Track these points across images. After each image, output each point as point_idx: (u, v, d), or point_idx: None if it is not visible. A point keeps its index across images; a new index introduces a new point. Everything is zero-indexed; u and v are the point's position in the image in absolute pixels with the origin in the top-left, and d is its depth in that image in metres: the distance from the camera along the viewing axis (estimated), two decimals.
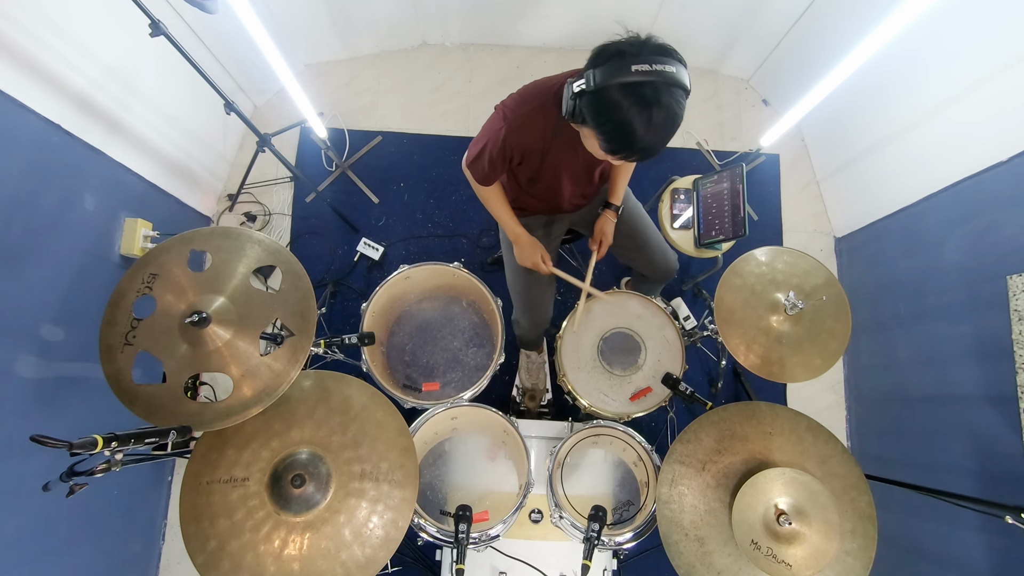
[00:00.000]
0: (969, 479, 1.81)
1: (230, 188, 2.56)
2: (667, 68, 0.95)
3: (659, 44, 1.00)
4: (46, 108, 1.57)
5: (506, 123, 1.30)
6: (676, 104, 0.98)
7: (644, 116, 0.97)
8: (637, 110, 0.96)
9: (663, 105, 0.96)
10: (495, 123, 1.33)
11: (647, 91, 0.95)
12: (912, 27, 1.64)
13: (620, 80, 0.95)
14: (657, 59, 0.95)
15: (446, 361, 2.01)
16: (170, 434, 1.10)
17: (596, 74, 1.00)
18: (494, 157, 1.36)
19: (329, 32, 2.58)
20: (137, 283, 1.25)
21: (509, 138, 1.30)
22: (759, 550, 1.19)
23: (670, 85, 0.96)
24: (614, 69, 0.96)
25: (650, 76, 0.94)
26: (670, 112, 0.97)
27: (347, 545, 1.17)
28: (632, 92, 0.96)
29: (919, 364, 2.10)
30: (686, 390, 1.63)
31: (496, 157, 1.36)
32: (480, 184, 1.49)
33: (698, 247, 2.05)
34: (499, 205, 1.58)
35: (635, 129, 0.98)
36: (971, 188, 1.89)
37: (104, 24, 1.75)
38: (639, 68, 0.94)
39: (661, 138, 1.01)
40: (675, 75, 0.96)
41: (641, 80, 0.94)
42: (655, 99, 0.95)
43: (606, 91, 0.98)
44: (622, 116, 0.98)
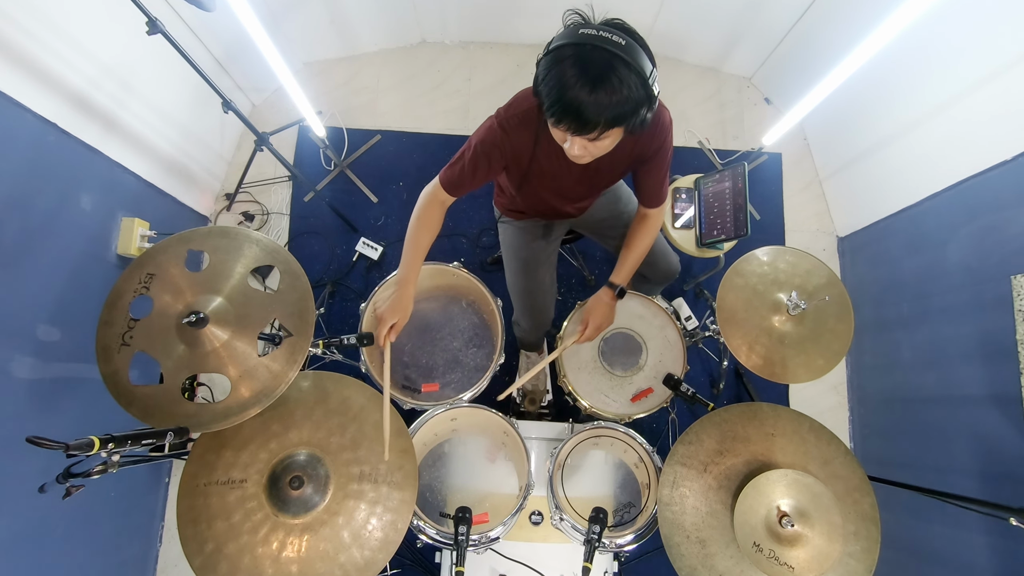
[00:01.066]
0: (973, 480, 1.81)
1: (228, 187, 2.56)
2: (613, 37, 0.98)
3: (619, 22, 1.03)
4: (42, 107, 1.57)
5: (498, 122, 1.28)
6: (614, 71, 0.98)
7: (575, 71, 0.98)
8: (570, 63, 0.99)
9: (596, 64, 0.98)
10: (486, 124, 1.32)
11: (585, 51, 0.98)
12: (915, 25, 1.64)
13: (564, 41, 1.00)
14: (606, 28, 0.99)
15: (445, 362, 2.00)
16: (167, 435, 1.10)
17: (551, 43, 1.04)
18: (479, 155, 1.31)
19: (328, 30, 2.58)
20: (134, 283, 1.25)
21: (501, 137, 1.28)
22: (761, 552, 1.19)
23: (611, 53, 0.97)
24: (563, 34, 1.01)
25: (592, 40, 0.97)
26: (604, 73, 0.98)
27: (346, 547, 1.17)
28: (570, 50, 0.99)
29: (922, 365, 2.09)
30: (688, 391, 1.62)
31: (482, 155, 1.31)
32: (443, 185, 1.39)
33: (700, 247, 2.05)
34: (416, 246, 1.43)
35: (566, 83, 0.99)
36: (975, 187, 1.89)
37: (101, 22, 1.75)
38: (585, 32, 0.99)
39: (593, 98, 0.99)
40: (619, 45, 0.98)
41: (582, 42, 0.98)
42: (590, 58, 0.98)
43: (551, 52, 1.03)
44: (556, 72, 1.01)
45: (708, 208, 2.04)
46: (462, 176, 1.37)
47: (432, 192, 1.44)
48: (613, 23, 1.03)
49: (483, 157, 1.32)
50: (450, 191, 1.41)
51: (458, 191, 1.41)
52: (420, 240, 1.44)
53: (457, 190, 1.41)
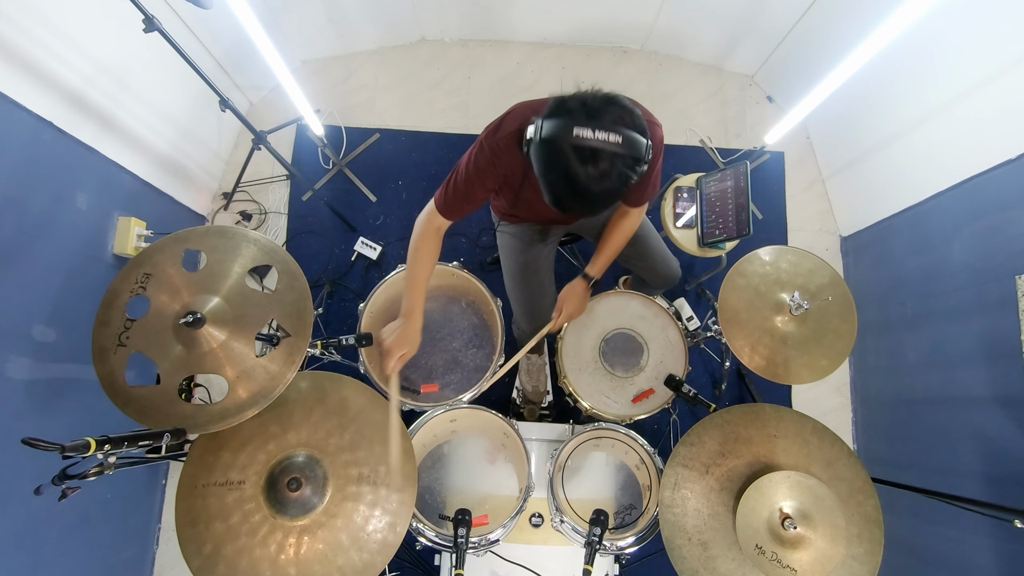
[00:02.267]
0: (977, 482, 1.81)
1: (225, 186, 2.56)
2: (610, 138, 0.96)
3: (616, 112, 0.99)
4: (38, 105, 1.57)
5: (487, 145, 1.27)
6: (613, 173, 0.98)
7: (571, 178, 0.99)
8: (569, 170, 0.98)
9: (594, 173, 0.97)
10: (476, 147, 1.30)
11: (583, 155, 0.97)
12: (919, 23, 1.64)
13: (560, 139, 0.97)
14: (602, 127, 0.96)
15: (445, 362, 2.00)
16: (164, 437, 1.10)
17: (543, 126, 1.01)
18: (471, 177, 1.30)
19: (326, 28, 2.58)
20: (131, 283, 1.25)
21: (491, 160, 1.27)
22: (764, 555, 1.19)
23: (611, 155, 0.97)
24: (558, 127, 0.98)
25: (588, 143, 0.95)
26: (600, 180, 0.98)
27: (344, 550, 1.17)
28: (568, 153, 0.97)
29: (926, 365, 2.10)
30: (689, 392, 1.62)
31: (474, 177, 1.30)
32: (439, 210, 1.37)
33: (701, 246, 2.05)
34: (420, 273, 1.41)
35: (563, 189, 1.01)
36: (979, 186, 1.89)
37: (97, 20, 1.75)
38: (580, 133, 0.96)
39: (592, 201, 1.03)
40: (617, 146, 0.96)
41: (578, 145, 0.96)
42: (586, 165, 0.97)
43: (546, 144, 1.00)
44: (554, 175, 1.01)
45: (710, 207, 2.04)
46: (456, 199, 1.35)
47: (428, 218, 1.40)
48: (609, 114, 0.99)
49: (475, 179, 1.30)
50: (446, 215, 1.38)
51: (454, 215, 1.38)
52: (420, 274, 1.42)
53: (453, 214, 1.38)
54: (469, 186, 1.31)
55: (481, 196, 1.35)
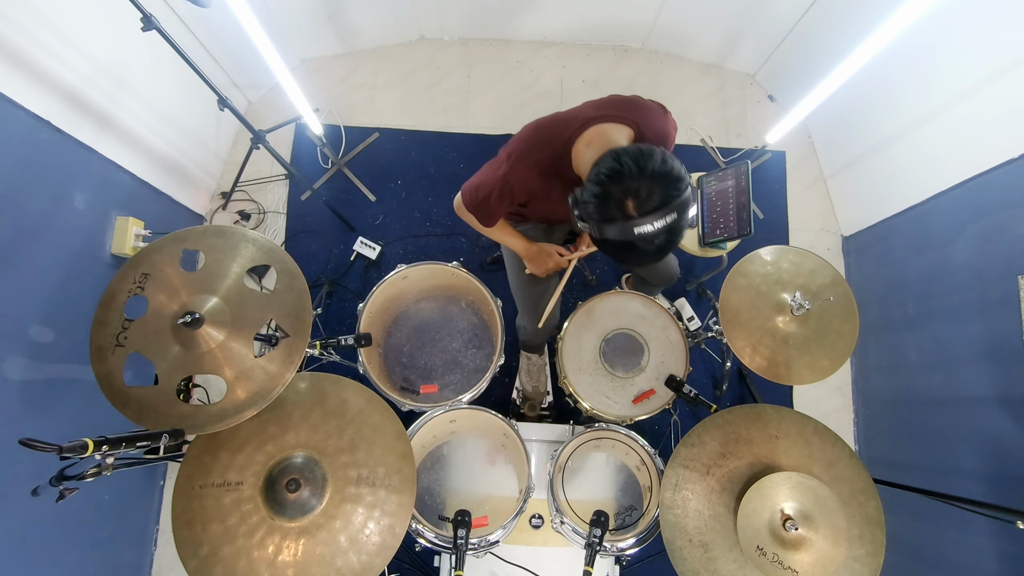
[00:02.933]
0: (980, 483, 1.80)
1: (223, 186, 2.56)
2: (668, 220, 0.99)
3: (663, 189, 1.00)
4: (35, 104, 1.57)
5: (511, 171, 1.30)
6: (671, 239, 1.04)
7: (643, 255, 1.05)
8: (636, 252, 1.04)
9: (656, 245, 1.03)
10: (498, 167, 1.33)
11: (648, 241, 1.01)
12: (921, 21, 1.64)
13: (623, 239, 1.02)
14: (658, 216, 0.99)
15: (444, 363, 2.00)
16: (162, 437, 1.10)
17: (602, 228, 1.04)
18: (500, 200, 1.36)
19: (325, 26, 2.58)
20: (128, 283, 1.25)
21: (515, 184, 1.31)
22: (765, 556, 1.19)
23: (671, 228, 1.01)
24: (616, 231, 1.02)
25: (649, 235, 1.00)
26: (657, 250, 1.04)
27: (343, 551, 1.17)
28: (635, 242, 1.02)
29: (928, 366, 2.09)
30: (690, 392, 1.63)
31: (502, 200, 1.36)
32: (484, 226, 1.50)
33: (702, 246, 2.05)
34: (501, 233, 1.59)
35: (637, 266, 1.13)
36: (981, 186, 1.89)
37: (95, 18, 1.75)
38: (642, 232, 0.99)
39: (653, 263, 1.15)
40: (676, 223, 1.01)
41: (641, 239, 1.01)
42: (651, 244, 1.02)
43: (610, 242, 1.05)
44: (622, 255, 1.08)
45: (711, 207, 2.04)
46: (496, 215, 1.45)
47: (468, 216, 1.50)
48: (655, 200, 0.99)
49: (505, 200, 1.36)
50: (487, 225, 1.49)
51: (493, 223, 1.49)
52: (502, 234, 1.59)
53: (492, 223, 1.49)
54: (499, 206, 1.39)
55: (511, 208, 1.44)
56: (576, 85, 2.78)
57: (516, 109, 2.74)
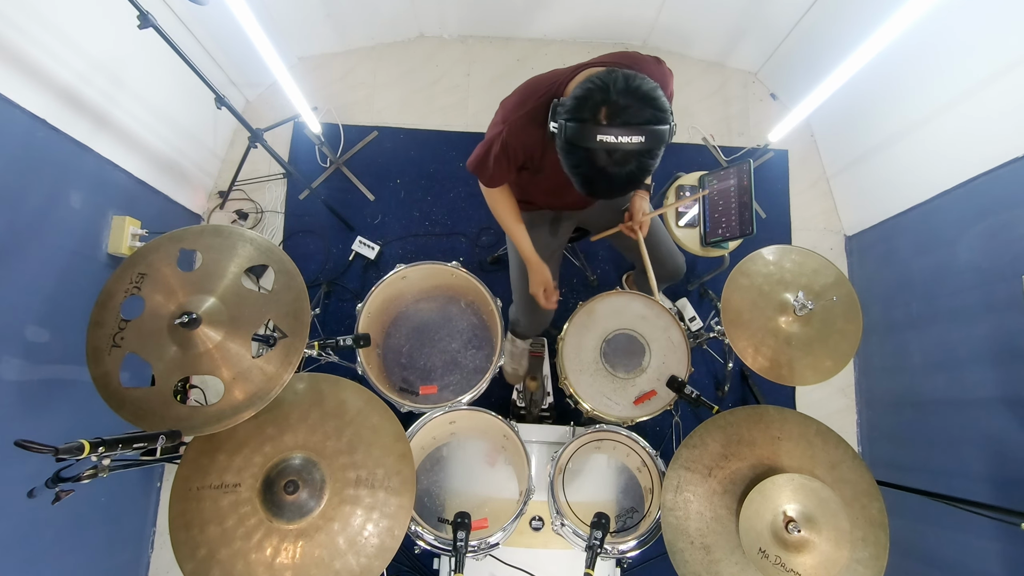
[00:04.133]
0: (984, 485, 1.80)
1: (221, 185, 2.56)
2: (633, 139, 1.00)
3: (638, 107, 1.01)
4: (31, 102, 1.57)
5: (506, 124, 1.30)
6: (638, 167, 1.04)
7: (600, 175, 1.05)
8: (596, 169, 1.05)
9: (619, 171, 1.04)
10: (496, 124, 1.34)
11: (608, 154, 1.02)
12: (925, 19, 1.64)
13: (583, 144, 1.03)
14: (625, 129, 1.00)
15: (444, 363, 2.01)
16: (159, 439, 1.10)
17: (567, 128, 1.05)
18: (498, 158, 1.36)
19: (323, 24, 2.58)
20: (125, 283, 1.25)
21: (510, 139, 1.31)
22: (767, 559, 1.19)
23: (634, 152, 1.02)
24: (581, 131, 1.02)
25: (608, 147, 1.01)
26: (628, 174, 1.05)
27: (341, 554, 1.17)
28: (593, 155, 1.04)
29: (932, 366, 2.09)
30: (692, 393, 1.62)
31: (500, 158, 1.36)
32: (487, 186, 1.50)
33: (704, 246, 2.05)
34: (510, 219, 1.58)
35: (594, 183, 1.08)
36: (986, 185, 1.89)
37: (91, 16, 1.75)
38: (604, 138, 1.00)
39: (621, 190, 1.10)
40: (640, 144, 1.01)
41: (602, 148, 1.01)
42: (613, 164, 1.03)
43: (571, 146, 1.06)
44: (582, 171, 1.08)
45: (713, 206, 2.04)
46: (494, 175, 1.43)
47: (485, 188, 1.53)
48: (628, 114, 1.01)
49: (502, 159, 1.37)
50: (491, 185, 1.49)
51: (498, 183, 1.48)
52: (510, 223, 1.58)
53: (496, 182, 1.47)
54: (499, 164, 1.38)
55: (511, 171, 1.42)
56: None
57: None
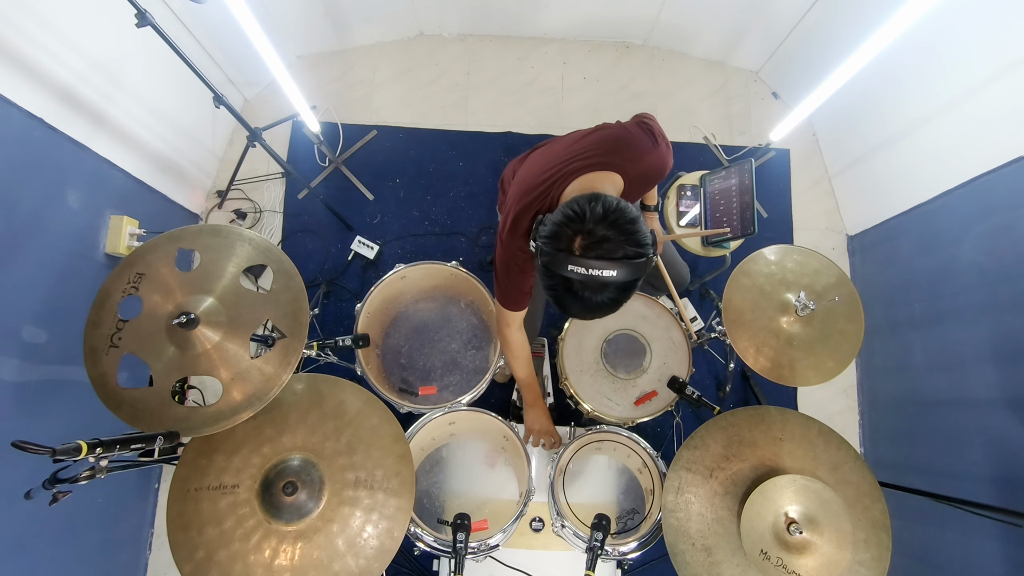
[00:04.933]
0: (987, 486, 1.80)
1: (219, 184, 2.56)
2: (603, 273, 1.01)
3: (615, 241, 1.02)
4: (28, 101, 1.57)
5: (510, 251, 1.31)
6: (612, 299, 1.06)
7: (574, 299, 1.07)
8: (570, 293, 1.07)
9: (593, 297, 1.05)
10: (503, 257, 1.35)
11: (580, 283, 1.04)
12: (927, 18, 1.64)
13: (556, 270, 1.05)
14: (597, 264, 1.02)
15: (443, 364, 2.00)
16: (157, 440, 1.10)
17: (543, 252, 1.07)
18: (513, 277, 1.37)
19: (322, 22, 2.58)
20: (123, 283, 1.25)
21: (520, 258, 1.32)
22: (769, 560, 1.19)
23: (606, 284, 1.03)
24: (554, 260, 1.05)
25: (580, 277, 1.02)
26: (595, 305, 1.07)
27: (340, 555, 1.17)
28: (565, 283, 1.05)
29: (935, 367, 2.09)
30: (693, 394, 1.63)
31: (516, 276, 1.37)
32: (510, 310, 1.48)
33: (705, 246, 2.05)
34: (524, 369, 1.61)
35: (566, 307, 1.11)
36: (989, 184, 1.89)
37: (89, 14, 1.75)
38: (575, 269, 1.02)
39: (592, 315, 1.12)
40: (611, 278, 1.03)
41: (571, 278, 1.03)
42: (587, 290, 1.05)
43: (546, 269, 1.07)
44: (556, 293, 1.09)
45: (714, 206, 2.04)
46: (513, 297, 1.43)
47: (503, 322, 1.51)
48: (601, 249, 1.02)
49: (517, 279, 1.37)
50: (515, 308, 1.47)
51: (520, 305, 1.48)
52: (522, 373, 1.62)
53: (519, 305, 1.47)
54: (517, 287, 1.40)
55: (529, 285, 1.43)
56: (577, 82, 2.78)
57: (516, 106, 2.74)
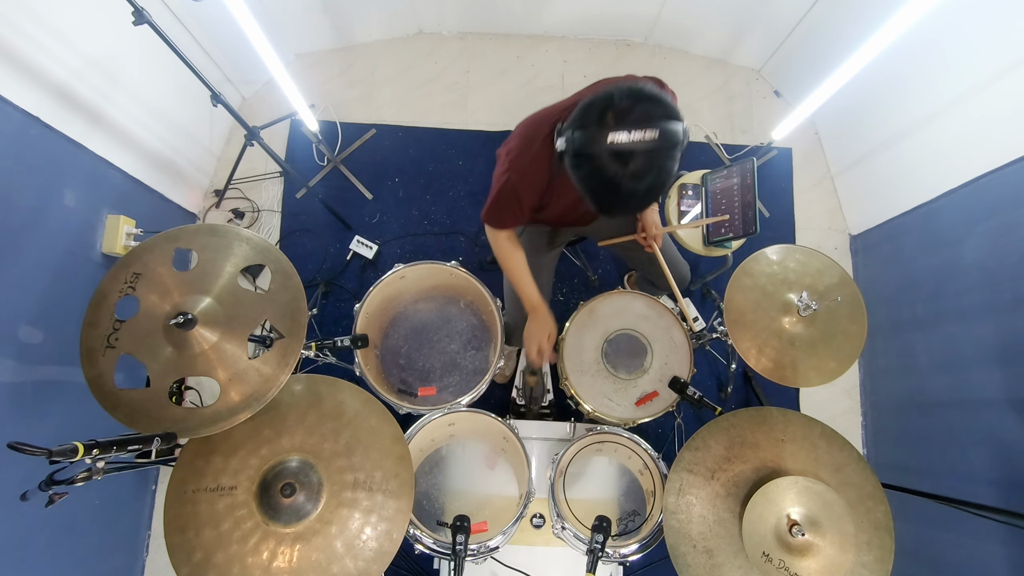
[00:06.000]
0: (991, 488, 1.80)
1: (217, 183, 2.56)
2: (645, 136, 0.96)
3: (646, 106, 0.98)
4: (24, 100, 1.57)
5: (513, 170, 1.31)
6: (657, 169, 0.99)
7: (615, 184, 0.99)
8: (610, 177, 0.99)
9: (637, 173, 0.98)
10: (501, 172, 1.35)
11: (622, 159, 0.97)
12: (930, 16, 1.64)
13: (595, 148, 0.98)
14: (635, 126, 0.96)
15: (443, 364, 2.00)
16: (154, 441, 1.10)
17: (575, 138, 1.01)
18: (510, 205, 1.37)
19: (321, 20, 2.58)
20: (120, 283, 1.25)
21: (519, 184, 1.32)
22: (771, 562, 1.19)
23: (649, 151, 0.97)
24: (590, 137, 0.98)
25: (624, 147, 0.96)
26: (655, 177, 1.00)
27: (339, 558, 1.17)
28: (606, 160, 0.98)
29: (938, 367, 2.09)
30: (694, 395, 1.62)
31: (512, 204, 1.37)
32: (499, 229, 1.49)
33: (707, 245, 2.05)
34: (517, 269, 1.56)
35: (617, 196, 1.02)
36: (992, 183, 1.89)
37: (85, 12, 1.75)
38: (614, 139, 0.96)
39: (646, 201, 1.05)
40: (653, 141, 0.97)
41: (616, 151, 0.96)
42: (627, 168, 0.98)
43: (582, 156, 1.01)
44: (602, 184, 1.01)
45: (715, 205, 2.04)
46: (505, 217, 1.43)
47: (494, 235, 1.52)
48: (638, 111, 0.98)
49: (512, 204, 1.36)
50: (508, 227, 1.48)
51: (513, 225, 1.47)
52: (518, 273, 1.56)
53: (511, 225, 1.47)
54: (510, 208, 1.38)
55: (526, 211, 1.41)
56: (577, 80, 2.78)
57: (516, 105, 2.74)
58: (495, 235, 1.52)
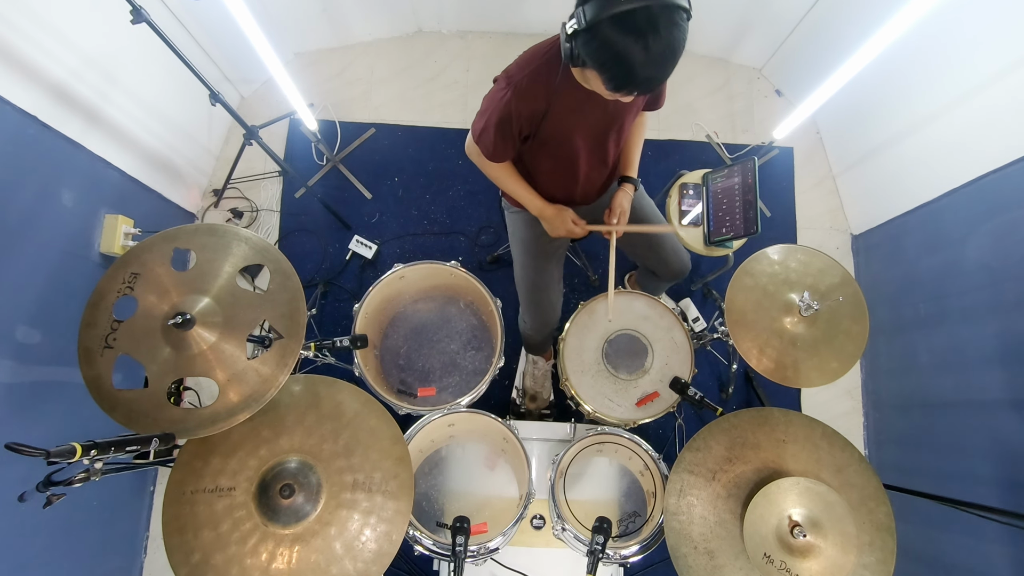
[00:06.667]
0: (993, 489, 1.80)
1: (215, 183, 2.56)
2: None
3: None
4: (21, 99, 1.57)
5: (511, 88, 1.28)
6: (675, 28, 0.97)
7: (640, 46, 0.97)
8: (632, 40, 0.96)
9: (659, 32, 0.96)
10: (499, 91, 1.32)
11: (640, 19, 0.95)
12: (933, 14, 1.64)
13: (610, 12, 0.95)
14: None
15: (443, 365, 2.01)
16: (152, 442, 1.10)
17: (586, 10, 0.99)
18: (502, 127, 1.34)
19: (320, 19, 2.58)
20: (118, 283, 1.25)
21: (516, 103, 1.29)
22: (772, 564, 1.19)
23: (665, 8, 0.95)
24: (601, 4, 0.96)
25: (641, 2, 0.93)
26: (668, 38, 0.97)
27: (338, 559, 1.17)
28: (624, 23, 0.96)
29: (941, 368, 2.09)
30: (695, 395, 1.62)
31: (504, 126, 1.33)
32: (490, 160, 1.46)
33: (708, 245, 2.05)
34: (513, 181, 1.55)
35: (633, 61, 0.99)
36: (995, 183, 1.89)
37: (83, 10, 1.75)
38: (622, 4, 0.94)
39: (663, 67, 1.02)
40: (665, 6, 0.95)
41: (632, 8, 0.94)
42: (650, 26, 0.95)
43: (598, 27, 0.99)
44: (617, 50, 0.99)
45: (716, 205, 2.04)
46: (498, 146, 1.40)
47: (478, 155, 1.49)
48: None
49: (507, 125, 1.33)
50: (495, 159, 1.45)
51: (502, 157, 1.44)
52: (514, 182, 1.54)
53: (500, 156, 1.44)
54: (502, 135, 1.36)
55: (514, 144, 1.39)
56: None
57: None
58: (480, 158, 1.49)
